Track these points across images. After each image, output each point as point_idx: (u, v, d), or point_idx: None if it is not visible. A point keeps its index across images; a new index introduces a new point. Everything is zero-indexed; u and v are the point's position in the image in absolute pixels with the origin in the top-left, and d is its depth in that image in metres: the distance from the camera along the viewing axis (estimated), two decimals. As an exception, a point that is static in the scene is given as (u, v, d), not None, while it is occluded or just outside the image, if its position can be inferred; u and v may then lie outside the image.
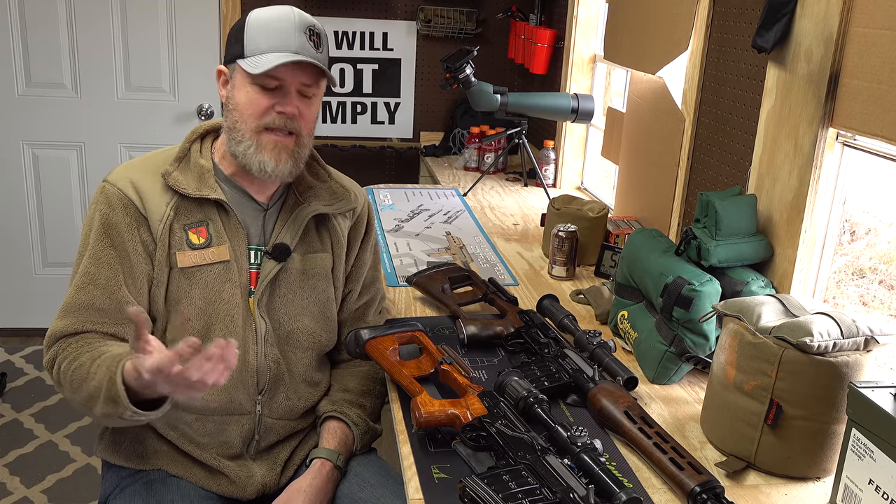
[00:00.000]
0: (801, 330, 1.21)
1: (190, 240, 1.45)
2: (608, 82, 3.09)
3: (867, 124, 1.39)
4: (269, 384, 1.51)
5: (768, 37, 1.60)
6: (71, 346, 1.39)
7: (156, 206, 1.44)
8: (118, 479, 1.50)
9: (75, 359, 1.36)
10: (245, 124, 1.43)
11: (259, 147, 1.43)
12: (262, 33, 1.41)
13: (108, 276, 1.41)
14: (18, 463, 2.76)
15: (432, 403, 1.30)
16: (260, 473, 1.50)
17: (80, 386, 1.34)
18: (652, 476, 1.24)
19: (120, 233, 1.42)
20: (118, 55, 3.47)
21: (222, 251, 1.47)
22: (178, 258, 1.44)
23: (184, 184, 1.45)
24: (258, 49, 1.40)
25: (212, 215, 1.47)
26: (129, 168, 1.49)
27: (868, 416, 1.11)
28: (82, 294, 1.41)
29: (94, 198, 1.48)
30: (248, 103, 1.42)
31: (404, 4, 3.64)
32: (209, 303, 1.46)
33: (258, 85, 1.41)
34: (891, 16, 1.33)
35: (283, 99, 1.42)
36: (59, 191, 3.59)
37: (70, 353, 1.38)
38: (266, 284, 1.50)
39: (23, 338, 3.68)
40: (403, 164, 3.85)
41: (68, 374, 1.36)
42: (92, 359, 1.34)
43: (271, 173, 1.44)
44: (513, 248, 2.36)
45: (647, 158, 2.33)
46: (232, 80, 1.45)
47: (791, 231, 1.60)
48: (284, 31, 1.41)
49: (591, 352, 1.52)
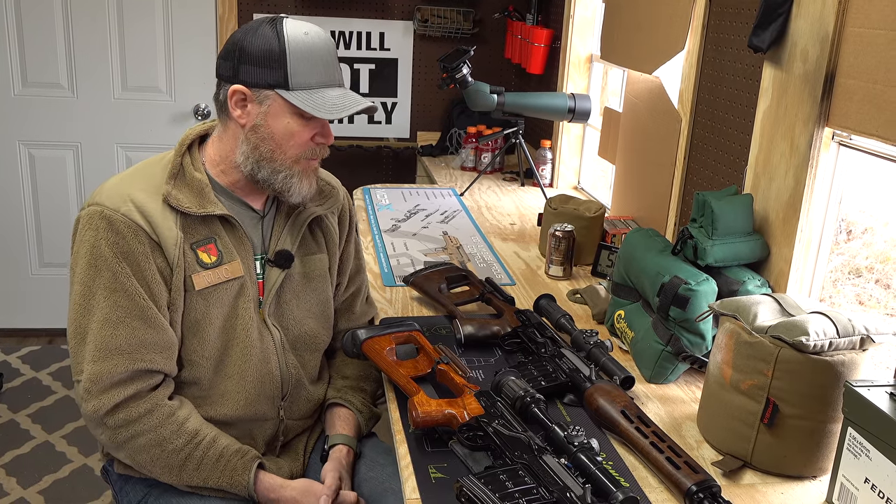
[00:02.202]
0: (798, 329, 1.22)
1: (201, 259, 1.41)
2: (605, 82, 3.09)
3: (863, 124, 1.39)
4: (291, 390, 1.54)
5: (764, 36, 1.60)
6: (142, 410, 1.36)
7: (166, 229, 1.37)
8: (145, 488, 1.47)
9: (164, 440, 1.36)
10: (285, 155, 1.41)
11: (300, 176, 1.43)
12: (309, 65, 1.38)
13: (143, 307, 1.35)
14: (15, 464, 2.75)
15: (429, 403, 1.31)
16: (287, 465, 1.54)
17: (174, 469, 1.38)
18: (649, 475, 1.24)
19: (137, 261, 1.35)
20: (114, 55, 3.47)
21: (235, 267, 1.44)
22: (194, 281, 1.39)
23: (186, 202, 1.39)
24: (307, 83, 1.38)
25: (218, 231, 1.43)
26: (123, 189, 1.39)
27: (864, 415, 1.12)
28: (122, 329, 1.34)
29: (86, 222, 1.37)
30: (290, 135, 1.40)
31: (401, 4, 3.64)
32: (226, 320, 1.44)
33: (299, 116, 1.39)
34: (886, 16, 1.34)
35: (323, 130, 1.43)
36: (56, 191, 3.59)
37: (147, 424, 1.36)
38: (273, 293, 1.49)
39: (19, 338, 3.67)
40: (400, 163, 3.85)
41: (155, 451, 1.37)
42: (191, 442, 1.38)
43: (307, 196, 1.46)
44: (510, 247, 2.36)
45: (643, 158, 2.34)
46: (263, 106, 1.39)
47: (787, 230, 1.60)
48: (329, 63, 1.41)
49: (588, 351, 1.52)
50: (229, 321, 1.44)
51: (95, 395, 1.33)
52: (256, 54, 1.37)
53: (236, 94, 1.39)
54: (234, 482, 1.39)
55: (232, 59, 1.39)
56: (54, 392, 3.22)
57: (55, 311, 3.70)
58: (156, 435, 1.35)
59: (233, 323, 1.45)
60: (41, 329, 3.72)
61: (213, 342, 1.43)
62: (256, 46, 1.37)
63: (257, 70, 1.37)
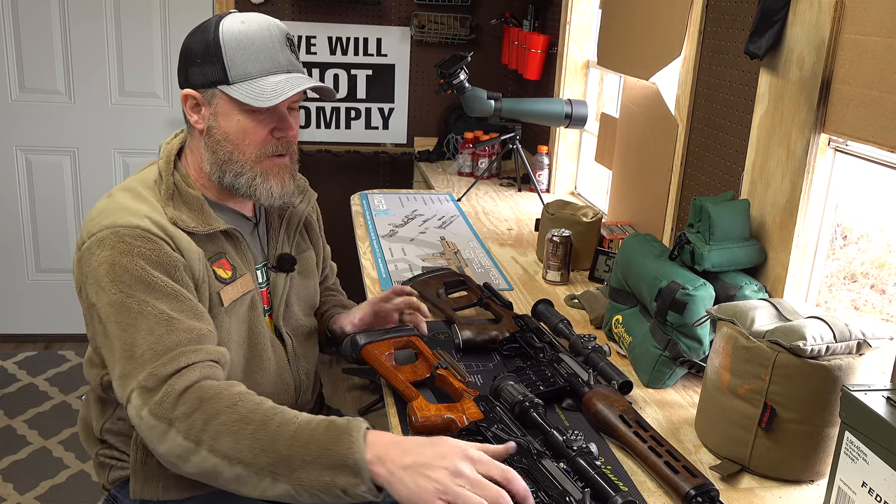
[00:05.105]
0: (795, 334, 1.22)
1: (219, 275, 1.34)
2: (601, 88, 3.10)
3: (859, 130, 1.40)
4: (303, 394, 1.53)
5: (760, 43, 1.61)
6: (213, 391, 1.15)
7: (186, 243, 1.28)
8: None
9: (246, 415, 1.12)
10: (243, 155, 1.32)
11: (265, 176, 1.34)
12: (246, 53, 1.29)
13: (192, 306, 1.24)
14: (12, 469, 2.74)
15: (428, 408, 1.31)
16: None
17: (266, 443, 1.10)
18: (647, 479, 1.25)
19: (177, 266, 1.24)
20: (112, 60, 3.47)
21: (247, 281, 1.38)
22: (221, 296, 1.32)
23: (192, 222, 1.31)
24: (246, 73, 1.28)
25: (223, 246, 1.37)
26: (129, 210, 1.27)
27: (861, 419, 1.12)
28: (173, 328, 1.19)
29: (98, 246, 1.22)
30: (243, 133, 1.31)
31: (398, 10, 3.65)
32: (244, 336, 1.39)
33: (248, 111, 1.30)
34: (882, 22, 1.35)
35: (281, 123, 1.33)
36: (53, 196, 3.59)
37: (223, 402, 1.14)
38: (284, 300, 1.47)
39: (15, 343, 3.66)
40: (398, 169, 3.86)
41: (239, 427, 1.11)
42: (278, 413, 1.13)
43: (279, 197, 1.37)
44: (507, 253, 2.37)
45: (640, 164, 2.34)
46: (212, 106, 1.31)
47: (784, 236, 1.61)
48: (270, 48, 1.30)
49: (586, 356, 1.53)
50: (247, 336, 1.40)
51: (155, 387, 1.15)
52: (197, 52, 1.31)
53: (189, 99, 1.34)
54: (339, 442, 1.08)
55: (181, 62, 1.34)
56: (51, 398, 3.21)
57: (52, 317, 3.70)
58: (235, 412, 1.13)
59: (249, 338, 1.40)
60: (38, 335, 3.72)
61: (236, 361, 1.36)
62: (196, 44, 1.31)
63: (200, 69, 1.31)
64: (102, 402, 1.43)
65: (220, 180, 1.36)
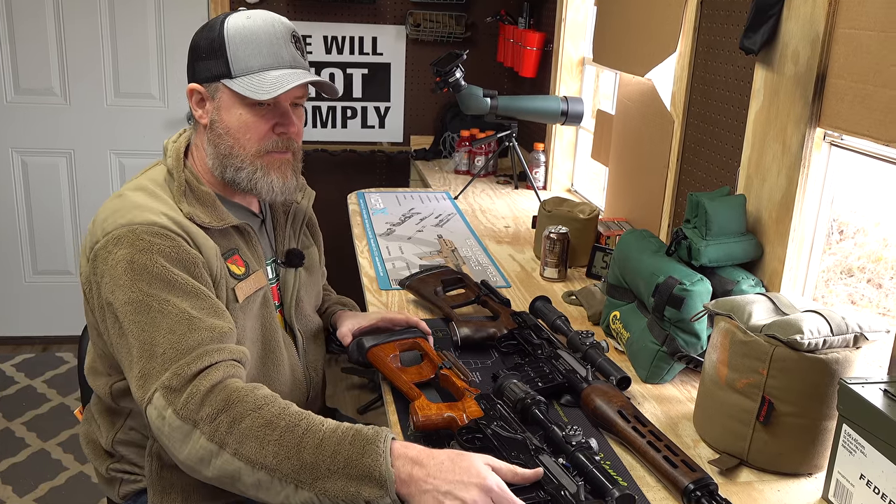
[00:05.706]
0: (792, 328, 1.22)
1: (233, 272, 1.33)
2: (597, 85, 3.11)
3: (854, 124, 1.41)
4: (315, 392, 1.53)
5: (755, 38, 1.61)
6: (239, 394, 1.13)
7: (203, 238, 1.28)
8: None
9: (272, 419, 1.11)
10: (244, 150, 1.33)
11: (265, 170, 1.35)
12: (250, 48, 1.30)
13: (212, 304, 1.23)
14: (10, 472, 2.74)
15: (430, 407, 1.31)
16: None
17: (291, 449, 1.08)
18: (646, 474, 1.25)
19: (196, 264, 1.24)
20: (107, 61, 3.47)
21: (260, 277, 1.38)
22: (237, 293, 1.32)
23: (206, 218, 1.31)
24: (248, 67, 1.30)
25: (236, 242, 1.37)
26: (147, 209, 1.26)
27: (858, 412, 1.13)
28: (194, 326, 1.18)
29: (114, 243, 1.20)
30: (245, 127, 1.32)
31: (393, 9, 3.65)
32: (258, 332, 1.39)
33: (250, 105, 1.31)
34: (876, 17, 1.35)
35: (283, 119, 1.34)
36: (49, 198, 3.58)
37: (248, 405, 1.12)
38: (295, 296, 1.47)
39: (13, 346, 3.66)
40: (394, 167, 3.86)
41: (264, 432, 1.09)
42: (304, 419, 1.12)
43: (280, 192, 1.37)
44: (504, 250, 2.37)
45: (636, 160, 2.35)
46: (215, 100, 1.33)
47: (780, 230, 1.61)
48: (274, 43, 1.31)
49: (584, 352, 1.53)
50: (261, 333, 1.39)
51: (180, 387, 1.13)
52: (203, 48, 1.33)
53: (194, 93, 1.36)
54: (366, 453, 1.07)
55: (189, 59, 1.37)
56: (49, 400, 3.21)
57: (49, 319, 3.70)
58: (260, 416, 1.11)
59: (263, 335, 1.40)
60: (35, 337, 3.72)
61: (252, 358, 1.35)
62: (202, 40, 1.34)
63: (205, 64, 1.33)
64: (111, 413, 1.40)
65: (222, 175, 1.36)
